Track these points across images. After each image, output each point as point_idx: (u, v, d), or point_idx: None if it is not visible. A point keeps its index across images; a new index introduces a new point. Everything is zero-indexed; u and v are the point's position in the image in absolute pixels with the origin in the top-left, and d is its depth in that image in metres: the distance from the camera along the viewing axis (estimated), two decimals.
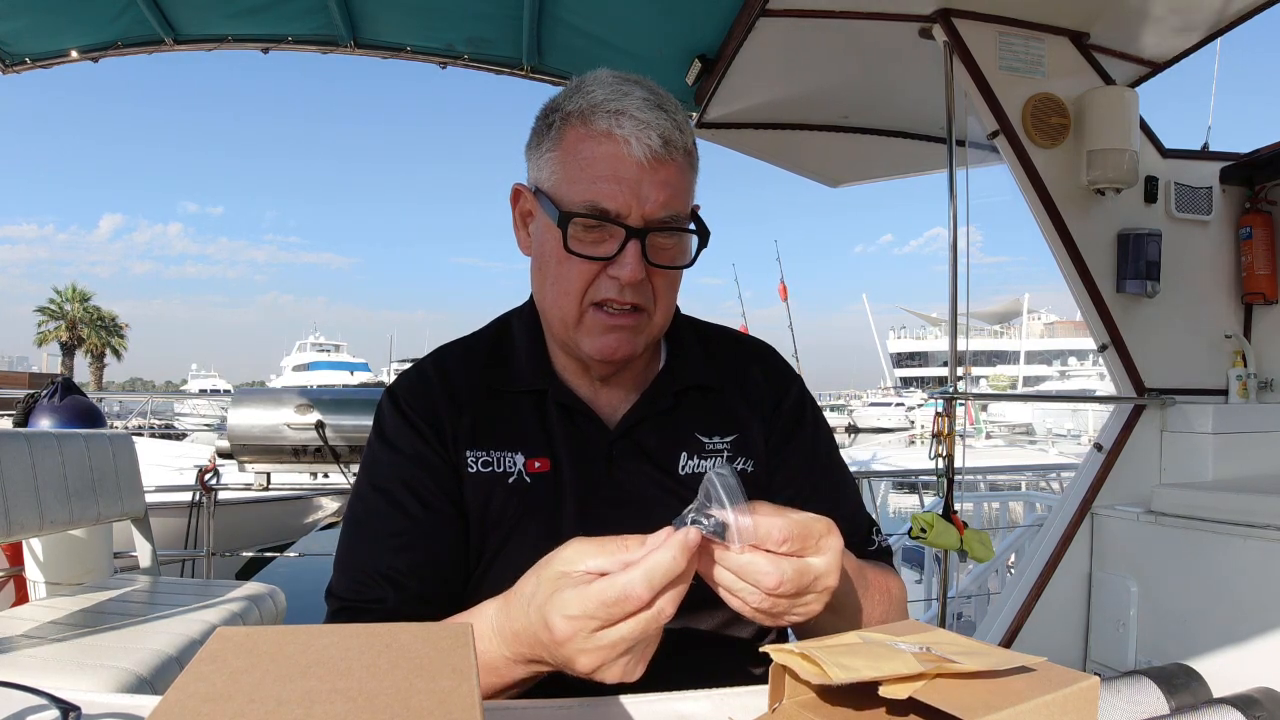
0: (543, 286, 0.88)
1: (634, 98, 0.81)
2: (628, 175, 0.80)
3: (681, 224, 0.84)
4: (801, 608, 0.62)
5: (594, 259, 0.82)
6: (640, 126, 0.79)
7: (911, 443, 20.81)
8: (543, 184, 0.85)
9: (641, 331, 0.86)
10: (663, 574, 0.56)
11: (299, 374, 49.86)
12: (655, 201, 0.80)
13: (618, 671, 0.59)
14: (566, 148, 0.83)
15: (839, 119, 3.23)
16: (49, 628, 1.94)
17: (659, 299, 0.86)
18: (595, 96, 0.81)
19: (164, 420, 20.09)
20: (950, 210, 2.50)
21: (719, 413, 0.94)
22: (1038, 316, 56.02)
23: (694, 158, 0.86)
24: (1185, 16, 2.50)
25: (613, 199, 0.80)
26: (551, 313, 0.88)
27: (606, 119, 0.80)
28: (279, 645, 0.38)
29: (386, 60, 2.98)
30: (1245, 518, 2.08)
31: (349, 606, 0.82)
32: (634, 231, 0.80)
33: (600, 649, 0.57)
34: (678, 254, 0.86)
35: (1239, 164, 2.65)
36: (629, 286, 0.82)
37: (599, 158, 0.80)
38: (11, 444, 2.07)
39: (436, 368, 0.94)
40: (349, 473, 3.92)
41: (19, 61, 2.83)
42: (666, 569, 0.56)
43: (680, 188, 0.83)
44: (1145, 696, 0.58)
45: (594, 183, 0.80)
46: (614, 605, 0.56)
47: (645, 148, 0.79)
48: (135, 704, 0.61)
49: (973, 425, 16.91)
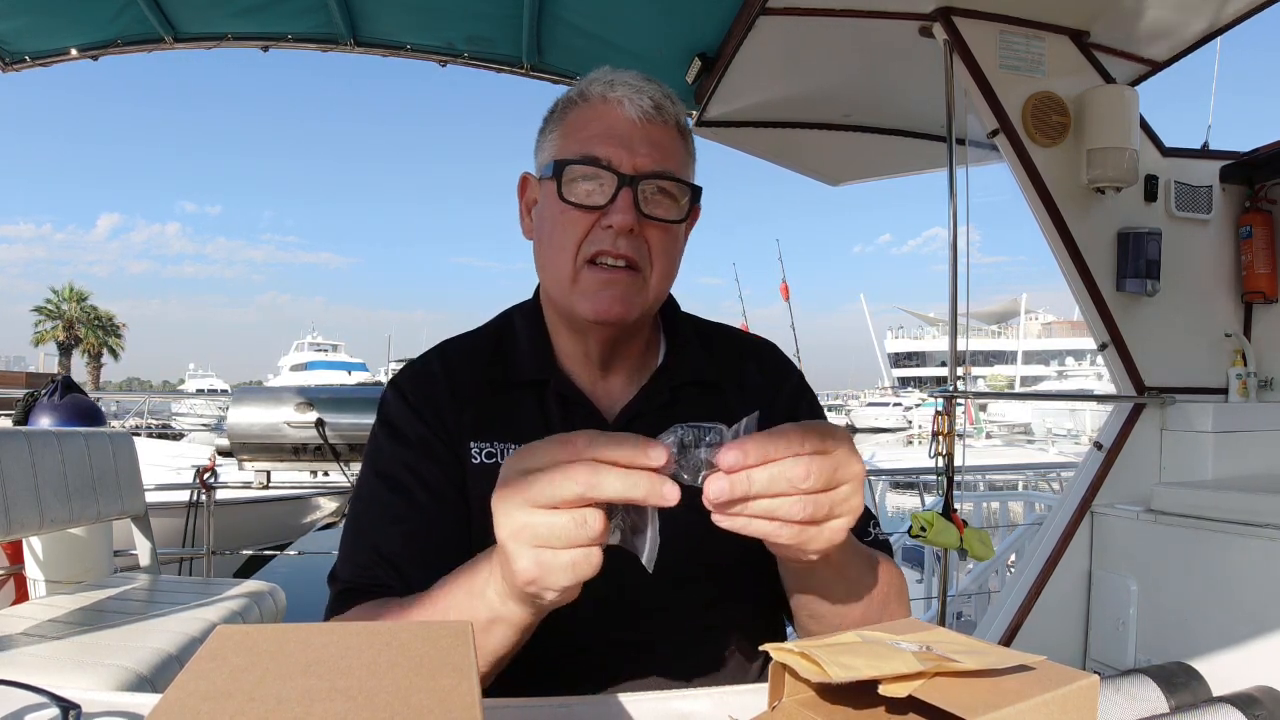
0: (542, 254, 0.90)
1: (629, 73, 0.87)
2: (620, 130, 0.84)
3: (673, 177, 0.86)
4: (843, 505, 0.58)
5: (588, 207, 0.84)
6: (633, 90, 0.85)
7: (909, 443, 20.84)
8: (544, 162, 0.89)
9: (637, 291, 0.86)
10: (606, 445, 0.53)
11: (297, 374, 49.82)
12: (646, 155, 0.84)
13: (549, 572, 0.55)
14: (567, 124, 0.88)
15: (839, 117, 3.23)
16: (49, 626, 1.94)
17: (654, 259, 0.86)
18: (593, 77, 0.88)
19: (161, 420, 20.11)
20: (950, 209, 2.50)
21: (716, 410, 0.94)
22: (1035, 316, 55.99)
23: (687, 136, 0.90)
24: (1185, 16, 2.50)
25: (604, 148, 0.83)
26: (549, 276, 0.90)
27: (602, 87, 0.86)
28: (279, 643, 0.38)
29: (386, 59, 2.98)
30: (1245, 517, 2.09)
31: (352, 588, 0.81)
32: (626, 179, 0.83)
33: (525, 530, 0.54)
34: (672, 210, 0.87)
35: (1239, 163, 2.65)
36: (622, 236, 0.83)
37: (594, 119, 0.86)
38: (12, 442, 2.07)
39: (440, 361, 0.94)
40: (349, 471, 3.92)
41: (19, 60, 2.83)
42: (614, 442, 0.53)
43: (672, 149, 0.87)
44: (1145, 695, 0.58)
45: (589, 140, 0.85)
46: (545, 474, 0.53)
47: (637, 107, 0.84)
48: (135, 702, 0.61)
49: (972, 425, 16.92)
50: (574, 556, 0.54)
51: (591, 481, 0.52)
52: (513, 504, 0.54)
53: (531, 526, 0.54)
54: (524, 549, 0.54)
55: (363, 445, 0.90)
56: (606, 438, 0.53)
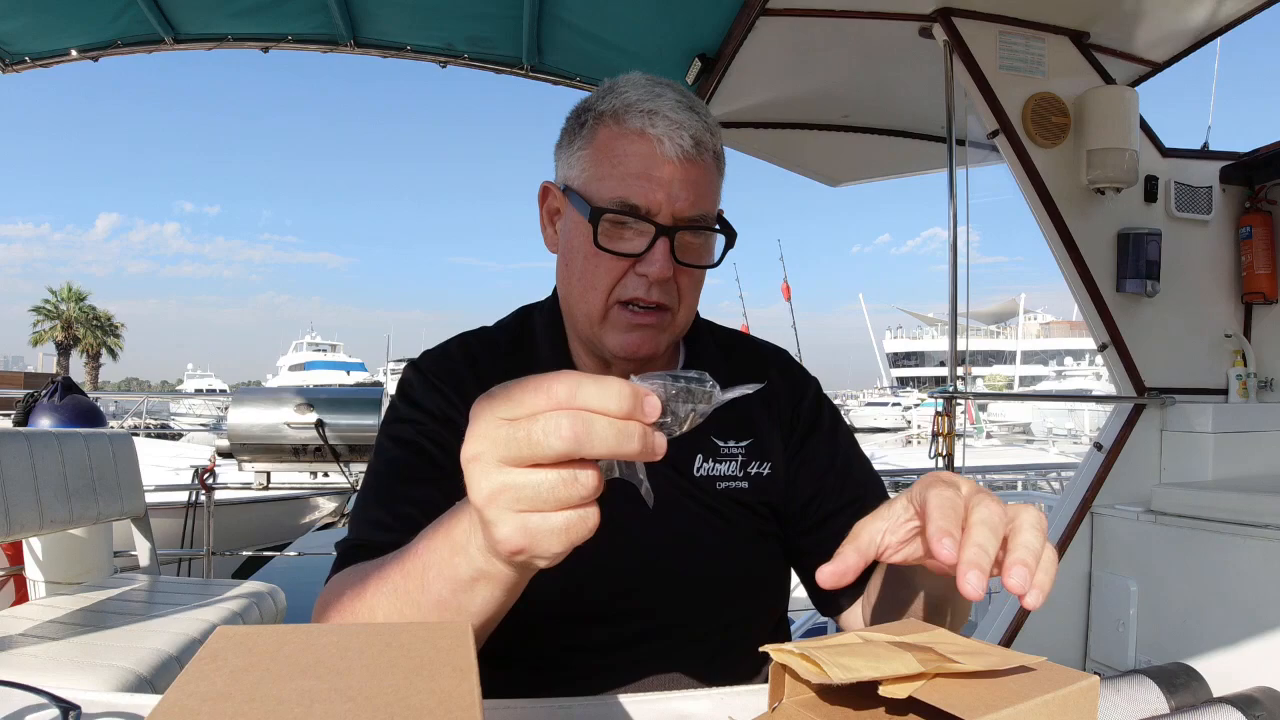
0: (569, 282, 0.88)
1: (667, 99, 0.82)
2: (659, 173, 0.81)
3: (709, 224, 0.85)
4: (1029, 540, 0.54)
5: (623, 255, 0.82)
6: (673, 126, 0.81)
7: (908, 443, 20.83)
8: (572, 181, 0.86)
9: (665, 330, 0.86)
10: (593, 391, 0.44)
11: (295, 374, 49.85)
12: (685, 200, 0.81)
13: (538, 538, 0.47)
14: (599, 145, 0.84)
15: (839, 118, 3.23)
16: (49, 627, 1.94)
17: (683, 298, 0.86)
18: (629, 97, 0.83)
19: (160, 420, 20.11)
20: (950, 210, 2.50)
21: (735, 417, 0.93)
22: (1034, 316, 55.99)
23: (722, 160, 0.88)
24: (1185, 16, 2.50)
25: (643, 196, 0.81)
26: (577, 309, 0.88)
27: (640, 118, 0.82)
28: (279, 644, 0.38)
29: (386, 59, 2.98)
30: (1245, 517, 2.09)
31: (358, 545, 0.78)
32: (663, 229, 0.81)
33: (505, 492, 0.46)
34: (704, 253, 0.86)
35: (1239, 163, 2.65)
36: (656, 285, 0.82)
37: (631, 155, 0.81)
38: (11, 443, 2.07)
39: (461, 349, 0.93)
40: (349, 472, 3.93)
41: (19, 61, 2.83)
42: (601, 389, 0.45)
43: (709, 189, 0.84)
44: (1145, 696, 0.58)
45: (625, 179, 0.81)
46: (524, 426, 0.45)
47: (677, 147, 0.81)
48: (135, 703, 0.61)
49: (973, 425, 16.93)
50: (568, 519, 0.47)
51: (581, 435, 0.44)
52: (488, 462, 0.46)
53: (514, 488, 0.46)
54: (506, 514, 0.46)
55: (363, 446, 0.89)
56: (592, 381, 0.45)
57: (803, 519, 0.93)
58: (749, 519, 0.91)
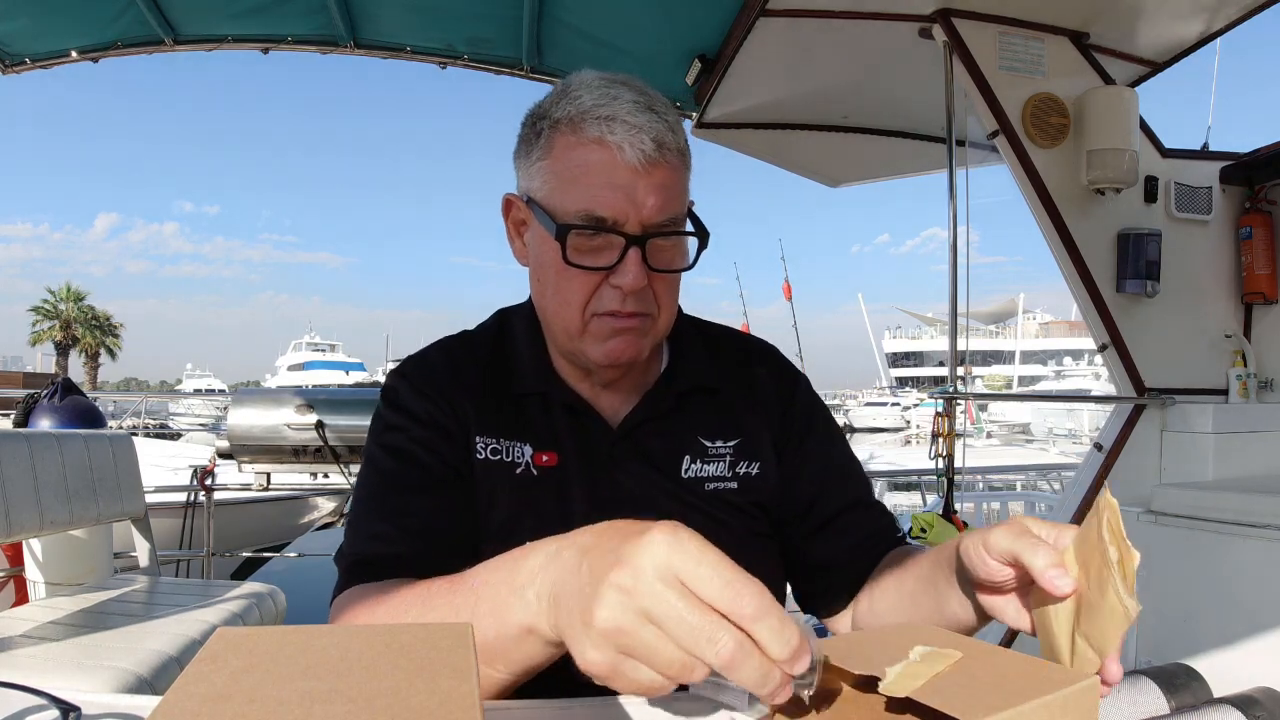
0: (543, 297, 0.86)
1: (623, 101, 0.78)
2: (622, 182, 0.78)
3: (679, 226, 0.83)
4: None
5: (594, 269, 0.80)
6: (631, 131, 0.77)
7: (908, 443, 20.81)
8: (535, 194, 0.83)
9: (646, 334, 0.85)
10: (772, 626, 0.43)
11: (294, 374, 49.86)
12: (652, 206, 0.78)
13: (618, 677, 0.45)
14: (557, 156, 0.81)
15: (839, 119, 3.24)
16: (49, 628, 1.94)
17: (661, 303, 0.85)
18: (584, 102, 0.79)
19: (159, 420, 20.11)
20: (950, 210, 2.50)
21: (722, 416, 0.93)
22: (1033, 316, 55.98)
23: (687, 156, 0.85)
24: (1185, 16, 2.50)
25: (609, 207, 0.78)
26: (555, 324, 0.86)
27: (597, 125, 0.78)
28: (279, 645, 0.38)
29: (386, 60, 2.98)
30: (1245, 517, 2.09)
31: (364, 561, 0.78)
32: (633, 239, 0.79)
33: (623, 634, 0.44)
34: (677, 256, 0.85)
35: (1239, 164, 2.65)
36: (631, 295, 0.81)
37: (591, 165, 0.78)
38: (11, 444, 2.07)
39: (442, 355, 0.93)
40: (349, 473, 3.93)
41: (19, 62, 2.83)
42: (780, 627, 0.43)
43: (675, 190, 0.81)
44: (1145, 696, 0.58)
45: (588, 191, 0.78)
46: (687, 611, 0.43)
47: (638, 152, 0.77)
48: (135, 704, 0.61)
49: (973, 425, 16.93)
50: (653, 681, 0.44)
51: (732, 664, 0.42)
52: (635, 606, 0.44)
53: (636, 637, 0.43)
54: (609, 646, 0.45)
55: (363, 447, 0.88)
56: (778, 614, 0.43)
57: (806, 521, 0.93)
58: (739, 519, 0.90)
